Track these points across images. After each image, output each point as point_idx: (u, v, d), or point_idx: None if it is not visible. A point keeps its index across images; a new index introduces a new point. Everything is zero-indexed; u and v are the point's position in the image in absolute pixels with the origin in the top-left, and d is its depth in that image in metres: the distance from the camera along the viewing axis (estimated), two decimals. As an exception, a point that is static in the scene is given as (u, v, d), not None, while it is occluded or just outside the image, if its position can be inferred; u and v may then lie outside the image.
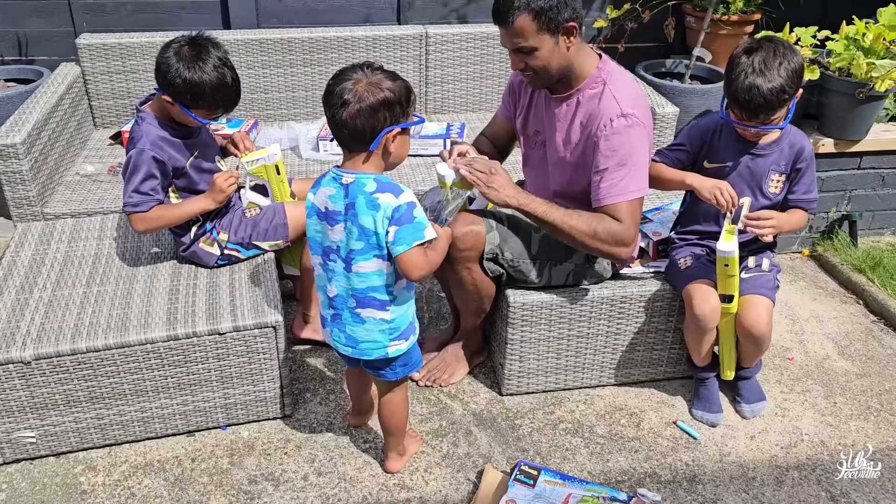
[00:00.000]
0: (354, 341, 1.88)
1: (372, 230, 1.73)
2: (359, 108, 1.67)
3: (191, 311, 2.12)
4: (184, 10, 3.54)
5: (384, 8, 3.71)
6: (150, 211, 2.14)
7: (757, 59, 2.03)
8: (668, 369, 2.50)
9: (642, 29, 3.72)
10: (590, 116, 2.05)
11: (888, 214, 3.36)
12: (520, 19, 1.93)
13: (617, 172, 2.03)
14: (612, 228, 2.05)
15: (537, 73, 2.03)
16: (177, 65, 2.05)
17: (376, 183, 1.73)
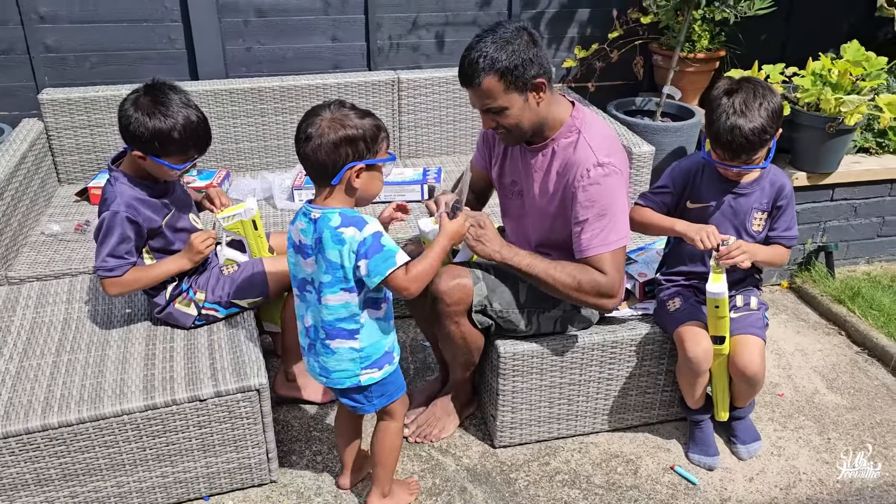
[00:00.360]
0: (327, 371, 1.88)
1: (338, 264, 1.74)
2: (320, 143, 1.70)
3: (169, 378, 2.02)
4: (149, 61, 3.48)
5: (354, 54, 3.70)
6: (124, 275, 2.06)
7: (738, 100, 2.04)
8: (662, 412, 2.46)
9: (611, 68, 3.76)
10: (566, 166, 2.03)
11: (862, 244, 3.40)
12: (486, 80, 1.89)
13: (597, 223, 2.00)
14: (597, 280, 2.02)
15: (510, 130, 2.00)
16: (136, 115, 1.98)
17: (341, 217, 1.74)
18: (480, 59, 1.88)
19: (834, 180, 3.16)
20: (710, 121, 2.09)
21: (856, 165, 3.20)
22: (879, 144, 3.33)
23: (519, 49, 1.88)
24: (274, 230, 2.85)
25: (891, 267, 3.43)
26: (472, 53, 1.90)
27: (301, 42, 3.61)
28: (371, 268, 1.73)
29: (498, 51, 1.87)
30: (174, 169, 2.06)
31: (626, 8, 3.68)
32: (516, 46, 1.88)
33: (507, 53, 1.87)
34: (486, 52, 1.88)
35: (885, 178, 3.24)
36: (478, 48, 1.89)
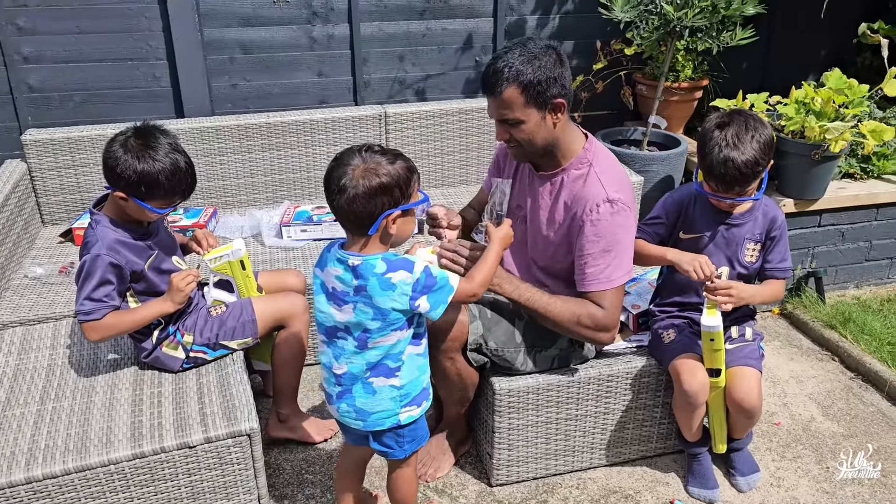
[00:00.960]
0: (365, 414, 1.82)
1: (389, 309, 1.70)
2: (355, 195, 1.65)
3: (157, 424, 1.97)
4: (134, 100, 3.46)
5: (340, 89, 3.70)
6: (103, 318, 2.01)
7: (730, 133, 2.04)
8: (659, 445, 2.43)
9: (596, 98, 3.79)
10: (575, 198, 2.02)
11: (850, 268, 3.42)
12: (508, 91, 1.90)
13: (602, 259, 1.99)
14: (595, 315, 2.01)
15: (521, 145, 2.00)
16: (125, 157, 1.95)
17: (385, 263, 1.70)
18: (505, 68, 1.88)
19: (821, 206, 3.18)
20: (703, 153, 2.10)
21: (842, 191, 3.23)
22: (864, 170, 3.35)
23: (545, 66, 1.89)
24: (262, 268, 2.82)
25: (879, 291, 3.44)
26: (498, 62, 1.90)
27: (287, 78, 3.61)
28: (432, 303, 1.73)
29: (524, 64, 1.88)
30: (155, 212, 2.03)
31: (610, 39, 3.72)
32: (543, 62, 1.89)
33: (532, 68, 1.88)
34: (511, 63, 1.88)
35: (870, 203, 3.26)
36: (504, 58, 1.90)
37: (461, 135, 3.52)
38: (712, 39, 3.31)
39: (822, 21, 3.77)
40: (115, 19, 3.30)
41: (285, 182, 3.36)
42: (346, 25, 3.57)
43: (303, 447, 2.46)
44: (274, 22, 3.49)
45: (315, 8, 3.51)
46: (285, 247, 2.98)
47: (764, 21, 3.86)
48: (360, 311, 1.72)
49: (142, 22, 3.34)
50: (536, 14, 3.80)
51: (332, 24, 3.56)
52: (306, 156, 3.35)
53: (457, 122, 3.50)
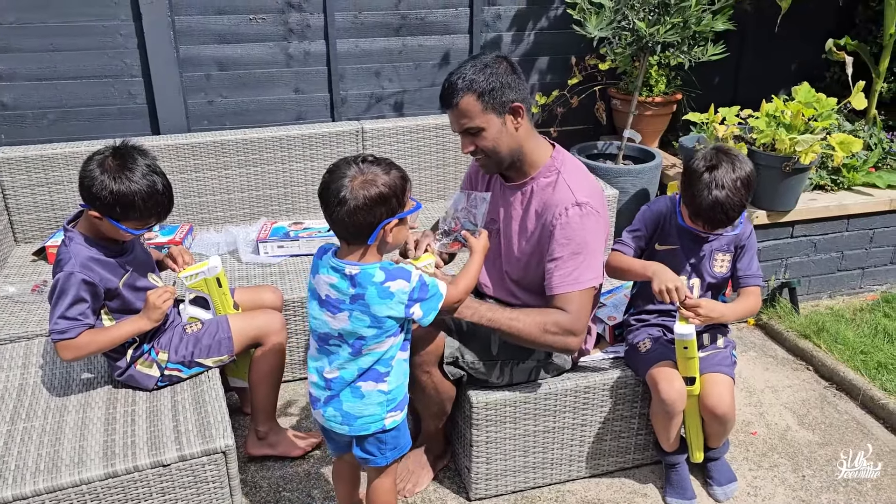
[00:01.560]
0: (352, 418, 1.83)
1: (385, 317, 1.74)
2: (355, 206, 1.67)
3: (130, 443, 1.94)
4: (109, 117, 3.45)
5: (318, 105, 3.71)
6: (78, 337, 1.99)
7: (718, 176, 2.07)
8: (637, 456, 2.44)
9: (571, 113, 3.84)
10: (545, 205, 2.04)
11: (823, 279, 3.46)
12: (464, 100, 1.94)
13: (571, 261, 2.01)
14: (560, 320, 2.01)
15: (488, 155, 2.02)
16: (102, 177, 1.93)
17: (384, 272, 1.73)
18: (459, 80, 1.94)
19: (793, 217, 3.23)
20: (692, 194, 2.11)
21: (813, 203, 3.28)
22: (834, 182, 3.41)
23: (497, 73, 1.94)
24: (239, 285, 2.80)
25: (852, 301, 3.49)
26: (452, 77, 1.96)
27: (264, 94, 3.62)
28: (425, 310, 1.78)
29: (477, 73, 1.94)
30: (130, 233, 2.02)
31: (585, 55, 3.77)
32: (495, 70, 1.94)
33: (485, 75, 1.93)
34: (464, 73, 1.94)
35: (841, 214, 3.31)
36: (458, 72, 1.96)
37: (438, 150, 3.54)
38: (684, 55, 3.36)
39: (792, 37, 3.85)
40: (89, 37, 3.29)
41: (262, 198, 3.35)
42: (322, 42, 3.59)
43: (280, 464, 2.44)
44: (250, 39, 3.50)
45: (291, 25, 3.53)
46: (262, 263, 2.97)
47: (735, 37, 3.93)
48: (357, 319, 1.74)
49: (117, 39, 3.33)
50: (512, 30, 3.84)
51: (309, 40, 3.58)
52: (283, 172, 3.35)
53: (434, 138, 3.51)
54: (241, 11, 3.44)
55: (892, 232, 3.46)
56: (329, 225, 1.75)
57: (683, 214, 2.20)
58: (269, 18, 3.49)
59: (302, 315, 2.76)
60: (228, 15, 3.43)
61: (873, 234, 3.43)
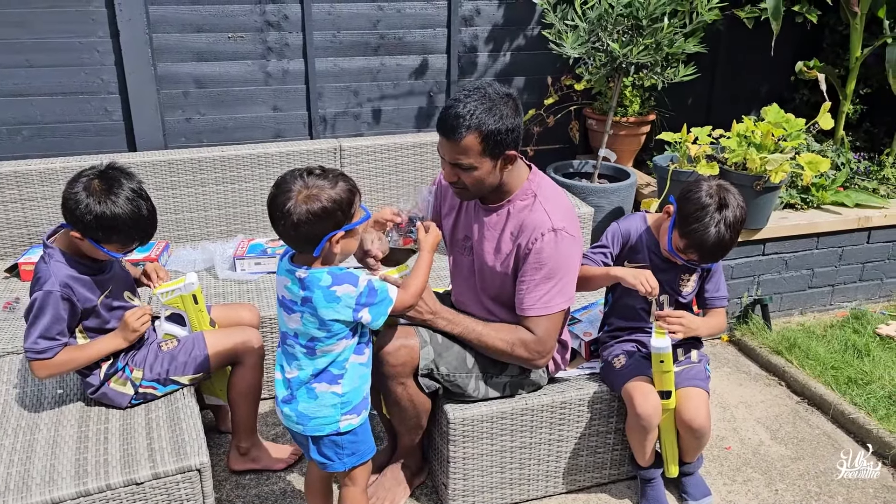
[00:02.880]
0: (306, 419, 1.86)
1: (332, 320, 1.77)
2: (298, 220, 1.70)
3: (103, 461, 1.92)
4: (86, 133, 3.43)
5: (296, 123, 3.72)
6: (55, 356, 1.97)
7: (728, 216, 2.10)
8: (613, 472, 2.45)
9: (548, 132, 3.89)
10: (520, 228, 2.06)
11: (794, 295, 3.52)
12: (468, 138, 1.91)
13: (543, 285, 2.04)
14: (527, 341, 2.08)
15: (468, 188, 2.03)
16: (87, 200, 1.91)
17: (331, 276, 1.76)
18: (469, 115, 1.89)
19: (764, 235, 3.29)
20: (695, 230, 2.10)
21: (784, 221, 3.34)
22: (804, 200, 3.48)
23: (506, 116, 1.91)
24: (216, 302, 2.80)
25: (823, 317, 3.55)
26: (460, 107, 1.90)
27: (242, 112, 3.62)
28: (374, 314, 1.80)
29: (486, 112, 1.89)
30: (111, 256, 2.01)
31: (560, 75, 3.83)
32: (504, 112, 1.91)
33: (494, 118, 1.90)
34: (474, 110, 1.89)
35: (811, 232, 3.38)
36: (465, 103, 1.90)
37: (416, 168, 3.56)
38: (657, 76, 3.43)
39: (762, 60, 3.94)
40: (66, 53, 3.28)
41: (239, 215, 3.35)
42: (300, 61, 3.61)
43: (256, 482, 2.42)
44: (228, 57, 3.51)
45: (270, 44, 3.55)
46: (239, 280, 2.96)
47: (707, 59, 4.02)
48: (307, 321, 1.79)
49: (94, 56, 3.32)
50: (488, 49, 3.89)
51: (287, 59, 3.60)
52: (261, 189, 3.35)
53: (411, 156, 3.54)
54: (220, 30, 3.46)
55: (861, 250, 3.54)
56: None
57: (674, 242, 2.18)
58: (247, 37, 3.51)
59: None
60: (207, 33, 3.44)
61: (842, 251, 3.50)
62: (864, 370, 3.00)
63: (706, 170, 3.03)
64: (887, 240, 3.56)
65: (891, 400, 2.82)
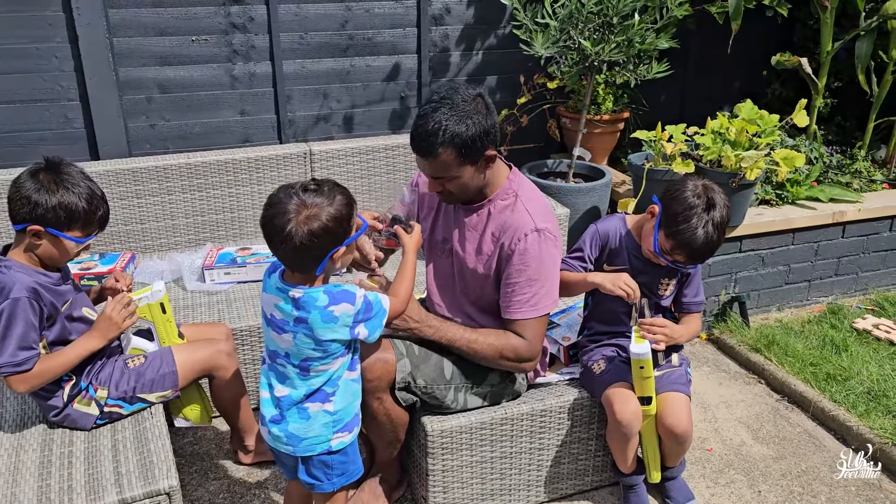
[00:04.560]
0: (297, 440, 1.80)
1: (330, 340, 1.71)
2: (301, 243, 1.62)
3: (67, 488, 1.84)
4: (46, 142, 3.31)
5: (264, 127, 3.63)
6: (34, 368, 1.90)
7: (715, 216, 2.07)
8: (595, 478, 2.42)
9: (521, 132, 3.84)
10: (502, 228, 2.02)
11: (771, 292, 3.52)
12: (443, 154, 1.87)
13: (529, 288, 1.99)
14: (516, 346, 2.03)
15: (454, 194, 2.00)
16: (39, 187, 1.89)
17: (328, 296, 1.69)
18: (440, 131, 1.84)
19: (741, 232, 3.28)
20: (684, 229, 2.07)
21: (759, 217, 3.33)
22: (779, 196, 3.48)
23: (477, 122, 1.86)
24: (184, 314, 2.71)
25: (800, 313, 3.55)
26: (430, 123, 1.85)
27: (208, 117, 3.53)
28: (370, 328, 1.76)
29: (458, 123, 1.84)
30: (76, 243, 1.95)
31: (533, 74, 3.78)
32: (475, 119, 1.86)
33: (466, 126, 1.85)
34: (444, 124, 1.84)
35: (787, 228, 3.38)
36: (434, 118, 1.85)
37: (388, 171, 3.50)
38: (630, 73, 3.40)
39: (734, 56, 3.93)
40: (22, 59, 3.16)
41: (208, 224, 3.26)
42: (268, 63, 3.53)
43: (230, 501, 2.34)
44: (193, 60, 3.41)
45: (235, 46, 3.46)
46: (208, 290, 2.87)
47: (680, 56, 4.00)
48: (301, 341, 1.72)
49: (52, 62, 3.21)
50: (459, 49, 3.83)
51: (254, 62, 3.51)
52: (229, 196, 3.26)
53: (383, 159, 3.48)
54: (183, 32, 3.36)
55: (836, 244, 3.54)
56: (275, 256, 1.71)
57: (660, 243, 2.14)
58: (212, 39, 3.41)
59: (251, 344, 2.68)
60: (170, 36, 3.35)
61: (818, 246, 3.50)
62: (843, 366, 3.00)
63: (681, 168, 3.00)
64: (861, 234, 3.57)
65: (870, 396, 2.82)
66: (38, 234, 1.92)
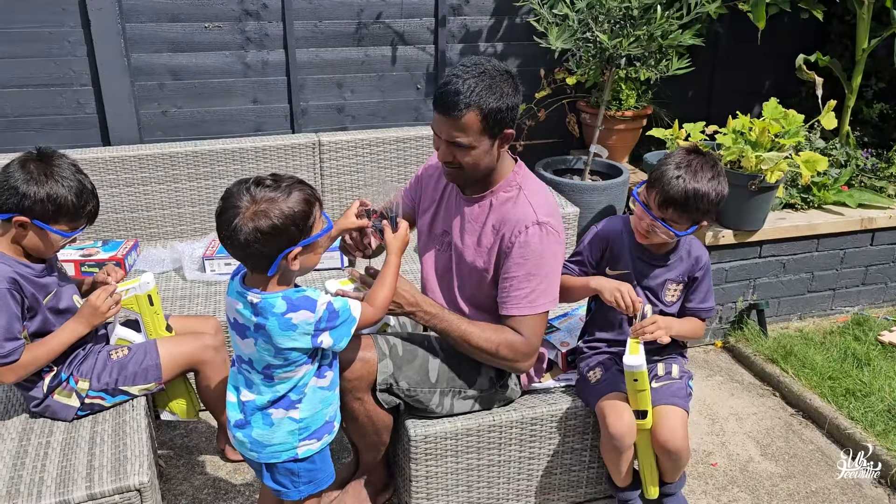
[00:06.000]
0: (260, 446, 1.74)
1: (290, 348, 1.64)
2: (246, 240, 1.55)
3: (38, 480, 1.82)
4: (58, 127, 3.32)
5: (277, 116, 3.60)
6: (21, 357, 1.89)
7: (695, 161, 2.00)
8: (589, 490, 2.32)
9: (540, 126, 3.73)
10: (503, 220, 1.94)
11: (793, 300, 3.36)
12: (468, 116, 1.80)
13: (528, 283, 1.92)
14: (513, 342, 1.94)
15: (464, 169, 1.91)
16: (28, 177, 1.86)
17: (286, 302, 1.61)
18: (469, 92, 1.78)
19: (761, 237, 3.13)
20: (664, 170, 2.00)
21: (782, 222, 3.18)
22: (804, 200, 3.32)
23: (505, 94, 1.82)
24: (181, 304, 2.69)
25: (823, 323, 3.39)
26: (459, 83, 1.79)
27: (221, 105, 3.50)
28: (335, 337, 1.68)
29: (487, 90, 1.79)
30: (61, 236, 1.93)
31: (554, 68, 3.67)
32: (505, 91, 1.81)
33: (495, 96, 1.80)
34: (474, 86, 1.79)
35: (811, 234, 3.21)
36: (465, 79, 1.79)
37: (399, 164, 3.43)
38: (650, 68, 3.26)
39: (766, 52, 3.76)
40: (35, 43, 3.17)
41: (212, 213, 3.21)
42: (281, 52, 3.48)
43: (213, 497, 2.31)
44: (205, 47, 3.39)
45: (249, 34, 3.42)
46: (207, 281, 2.85)
47: (707, 52, 3.84)
48: (261, 348, 1.66)
49: (64, 46, 3.21)
50: (478, 42, 3.74)
51: (267, 50, 3.47)
52: (236, 185, 3.23)
53: (394, 151, 3.41)
54: (196, 19, 3.33)
55: (864, 252, 3.37)
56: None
57: (641, 196, 2.05)
58: (225, 26, 3.38)
59: (245, 337, 2.64)
60: (182, 23, 3.32)
61: (844, 254, 3.33)
62: (864, 381, 2.84)
63: (699, 169, 2.86)
64: (892, 241, 3.39)
65: (890, 414, 2.66)
66: (23, 226, 1.90)
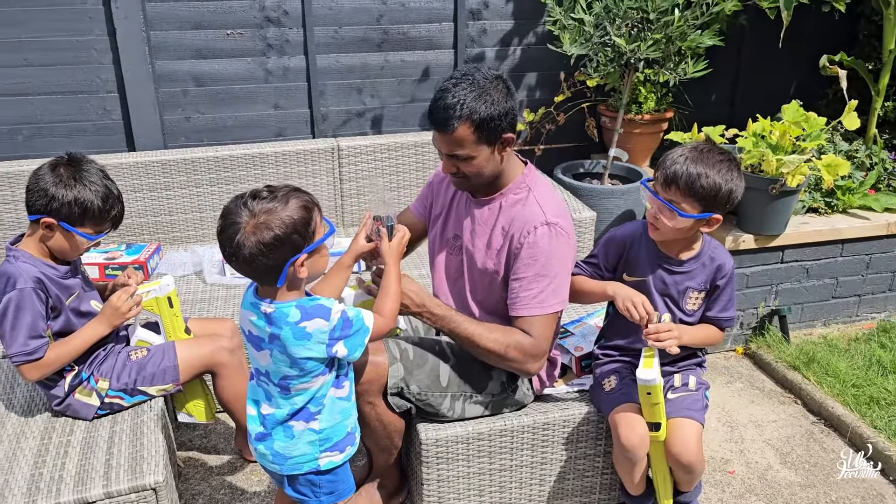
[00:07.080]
0: (282, 458, 1.75)
1: (306, 358, 1.64)
2: (251, 254, 1.56)
3: (58, 477, 1.86)
4: (85, 133, 3.40)
5: (298, 122, 3.64)
6: (45, 355, 1.94)
7: (704, 147, 1.98)
8: (603, 497, 2.31)
9: (560, 130, 3.73)
10: (512, 222, 1.95)
11: (817, 306, 3.31)
12: (459, 129, 1.83)
13: (537, 283, 1.91)
14: (522, 344, 1.93)
15: (468, 177, 1.93)
16: (57, 180, 1.93)
17: (300, 311, 1.62)
18: (458, 105, 1.81)
19: (783, 242, 3.09)
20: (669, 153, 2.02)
21: (804, 226, 3.13)
22: (828, 204, 3.26)
23: (497, 101, 1.83)
24: (201, 307, 2.74)
25: (848, 329, 3.33)
26: (448, 98, 1.82)
27: (242, 110, 3.55)
28: (350, 347, 1.67)
29: (476, 100, 1.81)
30: (86, 239, 1.98)
31: (574, 71, 3.66)
32: (495, 98, 1.83)
33: (485, 104, 1.82)
34: (463, 99, 1.81)
35: (835, 239, 3.16)
36: (454, 93, 1.82)
37: (417, 168, 3.45)
38: (669, 71, 3.24)
39: (791, 54, 3.71)
40: (63, 52, 3.25)
41: (234, 217, 3.27)
42: (302, 58, 3.52)
43: (230, 497, 2.34)
44: (227, 54, 3.44)
45: (270, 40, 3.46)
46: (227, 284, 2.89)
47: (730, 54, 3.80)
48: (277, 359, 1.66)
49: (91, 54, 3.29)
50: (497, 46, 3.74)
51: (288, 56, 3.51)
52: (257, 190, 3.27)
53: (413, 156, 3.43)
54: (218, 26, 3.39)
55: (891, 257, 3.30)
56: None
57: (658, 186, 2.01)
58: (246, 33, 3.43)
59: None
60: (205, 30, 3.38)
61: (870, 259, 3.27)
62: (888, 389, 2.79)
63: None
64: (921, 247, 3.32)
65: (914, 423, 2.61)
66: (50, 227, 1.96)
